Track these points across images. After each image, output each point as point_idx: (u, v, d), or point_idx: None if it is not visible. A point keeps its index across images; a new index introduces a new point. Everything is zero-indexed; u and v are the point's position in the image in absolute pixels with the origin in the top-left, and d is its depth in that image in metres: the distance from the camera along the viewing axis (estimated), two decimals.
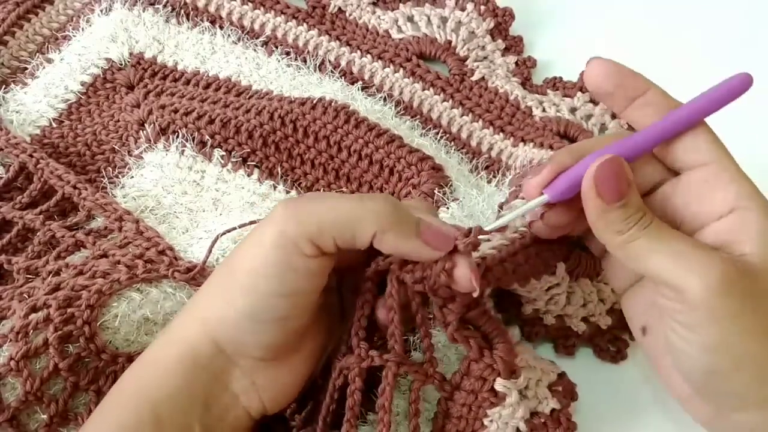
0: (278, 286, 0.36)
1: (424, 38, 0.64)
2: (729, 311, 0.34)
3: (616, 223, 0.36)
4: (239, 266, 0.38)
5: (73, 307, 0.42)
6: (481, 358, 0.40)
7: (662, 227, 0.37)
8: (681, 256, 0.35)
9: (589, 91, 0.41)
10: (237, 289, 0.37)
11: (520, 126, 0.60)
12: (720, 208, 0.36)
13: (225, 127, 0.55)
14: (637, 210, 0.36)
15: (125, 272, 0.44)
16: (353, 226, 0.36)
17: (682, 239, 0.36)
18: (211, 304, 0.39)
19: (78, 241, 0.49)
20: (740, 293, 0.34)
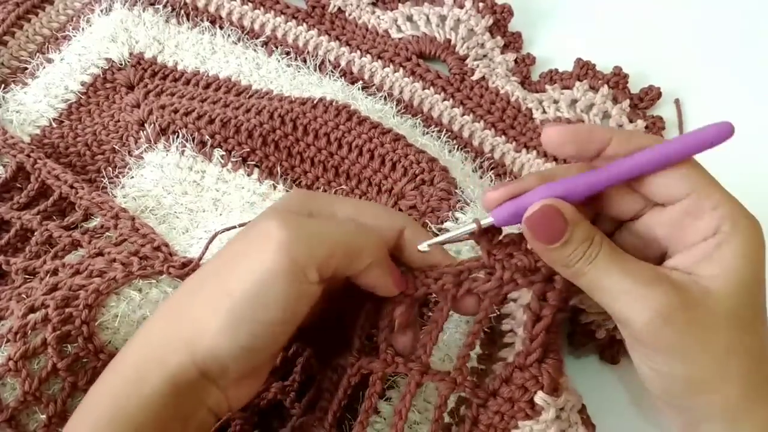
0: (281, 314, 0.35)
1: (423, 37, 0.64)
2: (670, 342, 0.35)
3: (560, 260, 0.37)
4: (236, 288, 0.35)
5: (71, 306, 0.42)
6: (529, 367, 0.40)
7: (609, 259, 0.36)
8: (622, 293, 0.35)
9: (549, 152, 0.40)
10: (234, 317, 0.35)
11: (522, 130, 0.61)
12: (701, 235, 0.36)
13: (225, 127, 0.55)
14: (581, 244, 0.36)
15: (121, 270, 0.44)
16: (357, 256, 0.37)
17: (628, 272, 0.36)
18: (199, 328, 0.36)
19: (74, 240, 0.49)
20: (684, 324, 0.35)
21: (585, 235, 0.36)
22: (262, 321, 0.35)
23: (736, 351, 0.35)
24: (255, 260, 0.35)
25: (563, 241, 0.36)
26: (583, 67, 0.64)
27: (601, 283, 0.36)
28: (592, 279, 0.36)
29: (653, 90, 0.64)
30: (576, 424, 0.41)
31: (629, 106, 0.62)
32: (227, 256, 0.38)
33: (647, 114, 0.63)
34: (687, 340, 0.35)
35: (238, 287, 0.35)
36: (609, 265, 0.36)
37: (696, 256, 0.36)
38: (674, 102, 0.64)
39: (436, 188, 0.52)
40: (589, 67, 0.64)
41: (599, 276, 0.36)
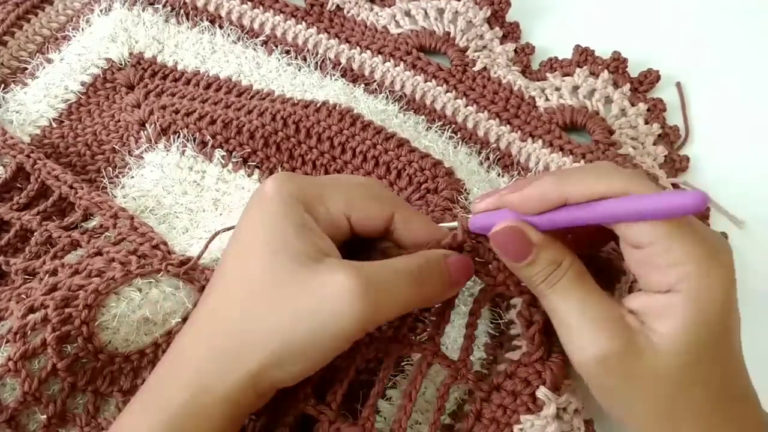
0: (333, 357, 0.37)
1: (422, 31, 0.65)
2: (603, 387, 0.37)
3: (525, 278, 0.38)
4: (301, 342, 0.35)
5: (71, 307, 0.42)
6: (533, 364, 0.40)
7: (570, 287, 0.37)
8: (570, 327, 0.37)
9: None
10: (299, 362, 0.36)
11: (526, 119, 0.61)
12: (657, 287, 0.36)
13: (226, 128, 0.55)
14: (547, 265, 0.37)
15: (120, 269, 0.44)
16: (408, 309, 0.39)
17: (579, 307, 0.37)
18: (262, 366, 0.36)
19: (74, 240, 0.49)
20: (620, 372, 0.36)
21: (551, 259, 0.37)
22: (317, 364, 0.37)
23: (676, 407, 0.36)
24: (323, 319, 0.35)
25: (528, 262, 0.37)
26: (582, 54, 0.64)
27: (557, 309, 0.37)
28: (550, 302, 0.38)
29: (652, 73, 0.64)
30: (579, 429, 0.42)
31: (630, 90, 0.63)
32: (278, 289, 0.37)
33: (648, 97, 0.64)
34: (622, 387, 0.36)
35: (298, 340, 0.35)
36: (567, 294, 0.37)
37: (651, 307, 0.36)
38: (675, 85, 0.65)
39: (439, 197, 0.52)
40: (588, 54, 0.64)
41: (556, 302, 0.37)
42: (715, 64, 0.66)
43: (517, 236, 0.37)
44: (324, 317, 0.35)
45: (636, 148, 0.60)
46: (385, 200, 0.40)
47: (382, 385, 0.40)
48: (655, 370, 0.35)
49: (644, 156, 0.60)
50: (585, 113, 0.60)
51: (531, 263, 0.37)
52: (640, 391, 0.36)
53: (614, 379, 0.36)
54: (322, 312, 0.35)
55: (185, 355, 0.38)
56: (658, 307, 0.35)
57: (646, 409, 0.36)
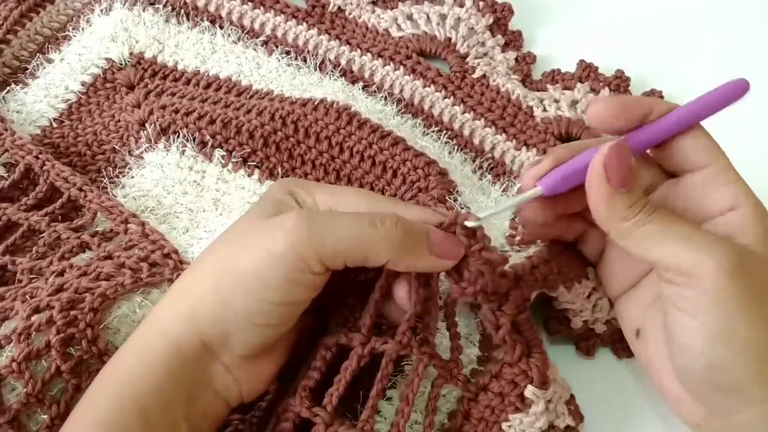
0: (281, 296, 0.37)
1: (423, 36, 0.64)
2: (738, 295, 0.35)
3: (622, 210, 0.37)
4: (243, 267, 0.37)
5: (77, 309, 0.42)
6: (518, 363, 0.41)
7: (668, 213, 0.37)
8: (691, 240, 0.35)
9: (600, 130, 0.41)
10: (238, 290, 0.37)
11: (522, 128, 0.60)
12: (718, 208, 0.37)
13: (226, 128, 0.55)
14: (641, 197, 0.37)
15: (130, 275, 0.44)
16: (367, 253, 0.37)
17: (690, 224, 0.37)
18: (202, 300, 0.37)
19: (83, 242, 0.49)
20: (750, 278, 0.35)
21: (641, 191, 0.37)
22: (260, 298, 0.36)
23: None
24: (262, 245, 0.36)
25: (630, 188, 0.36)
26: (585, 69, 0.64)
27: (666, 232, 0.36)
28: (653, 229, 0.36)
29: (655, 94, 0.64)
30: (563, 415, 0.43)
31: None
32: (236, 237, 0.40)
33: None
34: (753, 295, 0.35)
35: (241, 264, 0.37)
36: (670, 217, 0.37)
37: (725, 230, 0.37)
38: None
39: (428, 195, 0.52)
40: (591, 70, 0.64)
41: (661, 227, 0.36)
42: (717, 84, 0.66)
43: (628, 157, 0.36)
44: (263, 243, 0.36)
45: None
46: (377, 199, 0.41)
47: (380, 386, 0.40)
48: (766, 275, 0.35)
49: None
50: (581, 125, 0.60)
51: (631, 190, 0.37)
52: (762, 296, 0.35)
53: (747, 287, 0.35)
54: (261, 241, 0.36)
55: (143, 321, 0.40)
56: (732, 226, 0.37)
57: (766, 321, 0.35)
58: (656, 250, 0.36)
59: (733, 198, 0.37)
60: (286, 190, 0.41)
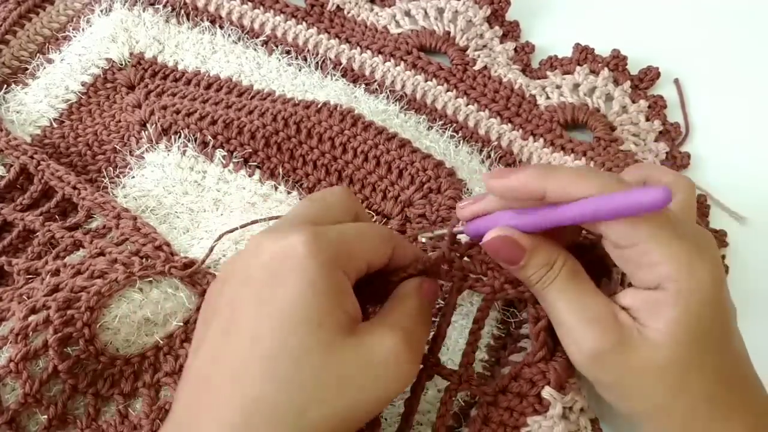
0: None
1: (422, 31, 0.65)
2: (601, 382, 0.38)
3: (522, 279, 0.39)
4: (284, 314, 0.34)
5: (73, 308, 0.42)
6: (537, 363, 0.41)
7: (564, 287, 0.38)
8: (565, 325, 0.38)
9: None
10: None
11: (527, 118, 0.61)
12: (644, 285, 0.37)
13: (227, 128, 0.55)
14: (539, 267, 0.38)
15: (122, 271, 0.44)
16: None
17: (571, 306, 0.38)
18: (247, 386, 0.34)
19: (76, 240, 0.49)
20: (617, 366, 0.37)
21: (543, 261, 0.38)
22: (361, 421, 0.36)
23: (674, 397, 0.37)
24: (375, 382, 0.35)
25: (521, 266, 0.38)
26: (582, 52, 0.65)
27: (552, 307, 0.38)
28: (545, 301, 0.39)
29: (652, 70, 0.64)
30: (586, 429, 0.42)
31: (630, 87, 0.63)
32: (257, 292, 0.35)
33: (648, 94, 0.64)
34: (619, 382, 0.37)
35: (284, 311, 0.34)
36: (560, 293, 0.38)
37: (642, 303, 0.37)
38: (674, 81, 0.65)
39: (444, 197, 0.52)
40: (588, 52, 0.65)
41: (551, 300, 0.38)
42: (714, 60, 0.67)
43: (507, 243, 0.38)
44: (379, 379, 0.35)
45: (638, 145, 0.60)
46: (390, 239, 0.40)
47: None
48: (648, 363, 0.36)
49: (646, 153, 0.60)
50: (586, 110, 0.61)
51: (524, 267, 0.38)
52: (637, 384, 0.37)
53: (610, 374, 0.37)
54: (377, 374, 0.34)
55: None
56: (649, 303, 0.36)
57: (645, 400, 0.37)
58: (551, 318, 0.39)
59: (656, 279, 0.36)
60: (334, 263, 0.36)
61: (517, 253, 0.38)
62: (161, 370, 0.44)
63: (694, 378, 0.36)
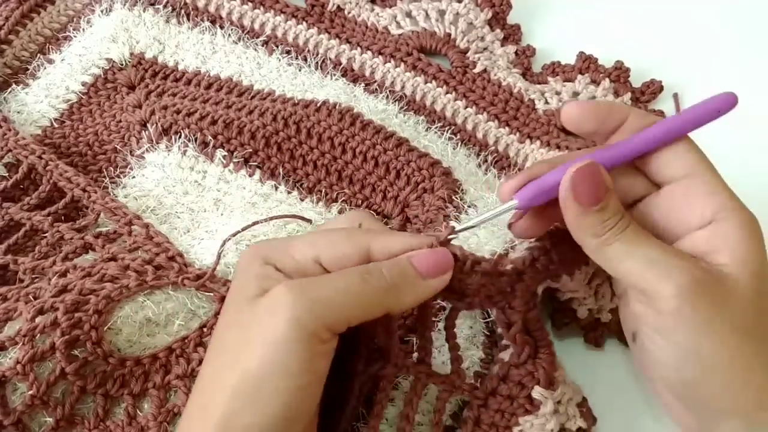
0: (302, 378, 0.34)
1: (423, 32, 0.65)
2: (698, 317, 0.35)
3: (591, 227, 0.37)
4: (256, 369, 0.34)
5: (81, 311, 0.42)
6: (524, 364, 0.41)
7: (639, 232, 0.37)
8: (653, 262, 0.36)
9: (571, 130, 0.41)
10: (258, 392, 0.34)
11: (525, 121, 0.61)
12: (698, 220, 0.36)
13: (228, 128, 0.55)
14: (614, 214, 0.37)
15: (134, 278, 0.44)
16: (368, 309, 0.36)
17: (657, 245, 0.36)
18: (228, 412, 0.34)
19: (86, 243, 0.49)
20: (710, 300, 0.35)
21: (618, 206, 0.37)
22: (285, 389, 0.34)
23: (761, 338, 0.36)
24: (266, 337, 0.34)
25: (601, 206, 0.36)
26: (585, 61, 0.64)
27: (630, 252, 0.36)
28: (620, 248, 0.36)
29: (655, 84, 0.64)
30: (575, 417, 0.42)
31: (630, 99, 0.63)
32: (231, 335, 0.37)
33: (649, 108, 0.64)
34: (716, 315, 0.35)
35: (252, 367, 0.34)
36: (638, 237, 0.36)
37: (703, 244, 0.36)
38: (672, 96, 0.65)
39: (434, 197, 0.52)
40: (591, 61, 0.64)
41: (630, 246, 0.36)
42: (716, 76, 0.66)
43: (596, 176, 0.36)
44: (268, 331, 0.34)
45: None
46: (356, 235, 0.39)
47: (380, 408, 0.41)
48: (736, 296, 0.35)
49: None
50: None
51: (603, 208, 0.36)
52: (728, 316, 0.35)
53: (709, 308, 0.35)
54: (264, 328, 0.34)
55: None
56: (710, 241, 0.36)
57: (735, 335, 0.35)
58: (621, 269, 0.37)
59: (712, 210, 0.36)
60: (261, 260, 0.38)
61: (602, 188, 0.36)
62: (172, 372, 0.44)
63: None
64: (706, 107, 0.37)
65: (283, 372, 0.34)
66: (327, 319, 0.34)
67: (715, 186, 0.36)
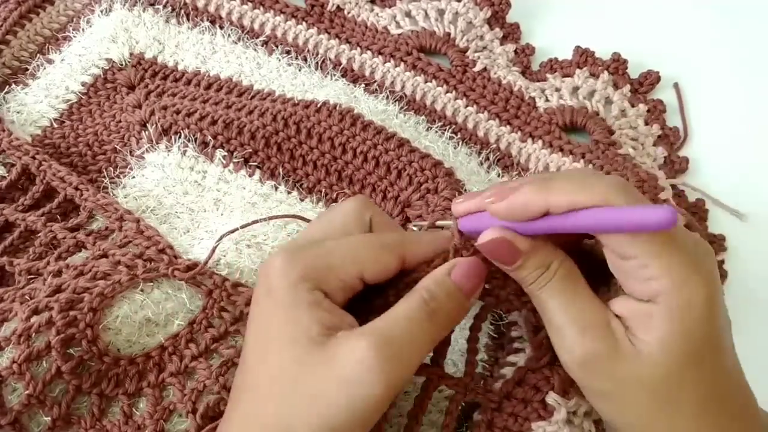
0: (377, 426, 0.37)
1: (423, 32, 0.65)
2: (589, 388, 0.38)
3: (517, 279, 0.38)
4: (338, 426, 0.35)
5: (75, 309, 0.42)
6: (541, 369, 0.40)
7: (559, 290, 0.37)
8: (558, 328, 0.37)
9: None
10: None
11: (526, 120, 0.61)
12: (639, 296, 0.36)
13: (227, 128, 0.55)
14: (535, 269, 0.37)
15: (126, 273, 0.44)
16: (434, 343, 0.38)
17: (566, 310, 0.37)
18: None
19: (79, 241, 0.49)
20: (606, 374, 0.36)
21: (539, 263, 0.37)
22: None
23: (664, 409, 0.36)
24: (355, 392, 0.34)
25: (516, 266, 0.37)
26: (582, 55, 0.65)
27: (545, 310, 0.38)
28: (539, 303, 0.38)
29: (652, 74, 0.64)
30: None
31: (630, 91, 0.63)
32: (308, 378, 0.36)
33: (647, 98, 0.64)
34: (608, 390, 0.37)
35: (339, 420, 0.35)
36: (554, 297, 0.37)
37: (635, 314, 0.36)
38: (673, 86, 0.65)
39: (440, 197, 0.52)
40: (588, 55, 0.65)
41: (545, 303, 0.38)
42: (715, 65, 0.67)
43: (504, 245, 0.37)
44: (351, 392, 0.34)
45: (636, 149, 0.60)
46: (392, 246, 0.39)
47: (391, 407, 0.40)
48: (639, 374, 0.36)
49: (644, 157, 0.60)
50: (585, 113, 0.61)
51: (519, 268, 0.37)
52: (626, 394, 0.36)
53: (599, 382, 0.37)
54: (348, 388, 0.34)
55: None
56: (641, 315, 0.36)
57: (635, 411, 0.37)
58: (546, 316, 0.38)
59: (646, 294, 0.35)
60: (308, 283, 0.37)
61: (513, 254, 0.37)
62: (166, 370, 0.44)
63: (683, 394, 0.36)
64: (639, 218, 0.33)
65: (366, 427, 0.35)
66: (411, 372, 0.36)
67: (651, 270, 0.35)
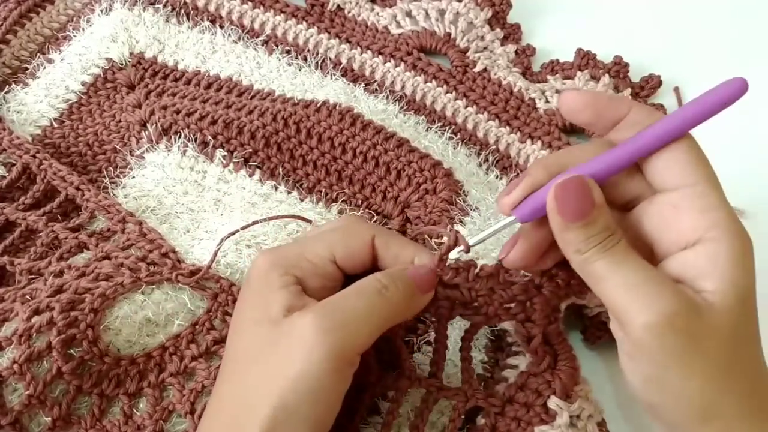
0: (337, 400, 0.36)
1: (423, 32, 0.65)
2: (666, 351, 0.34)
3: (575, 243, 0.35)
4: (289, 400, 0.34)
5: (77, 310, 0.42)
6: (542, 373, 0.40)
7: (625, 253, 0.35)
8: (630, 289, 0.34)
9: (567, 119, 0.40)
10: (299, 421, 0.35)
11: (526, 121, 0.61)
12: (686, 238, 0.35)
13: (227, 128, 0.55)
14: (602, 230, 0.35)
15: (128, 275, 0.44)
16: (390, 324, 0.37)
17: (638, 270, 0.35)
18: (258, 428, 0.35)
19: (81, 242, 0.49)
20: (683, 333, 0.34)
21: (607, 223, 0.35)
22: (318, 414, 0.35)
23: (735, 370, 0.35)
24: (301, 366, 0.34)
25: (586, 222, 0.34)
26: (584, 57, 0.65)
27: (611, 273, 0.35)
28: (601, 269, 0.35)
29: (654, 78, 0.64)
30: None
31: (630, 94, 0.63)
32: (263, 356, 0.37)
33: (649, 102, 0.64)
34: (688, 349, 0.34)
35: (288, 395, 0.35)
36: (624, 258, 0.35)
37: (688, 268, 0.35)
38: (674, 90, 0.65)
39: (437, 198, 0.52)
40: (589, 57, 0.65)
41: (611, 267, 0.35)
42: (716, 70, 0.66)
43: (582, 191, 0.35)
44: (301, 362, 0.34)
45: None
46: (362, 230, 0.40)
47: (392, 419, 0.41)
48: (713, 328, 0.34)
49: None
50: None
51: (588, 224, 0.34)
52: (701, 349, 0.34)
53: (681, 341, 0.34)
54: (296, 359, 0.34)
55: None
56: (696, 265, 0.34)
57: (707, 367, 0.34)
58: (600, 290, 0.36)
59: (703, 228, 0.34)
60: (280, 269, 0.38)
61: (587, 204, 0.34)
62: (166, 370, 0.44)
63: (751, 345, 0.35)
64: (714, 97, 0.34)
65: (318, 400, 0.35)
66: (356, 345, 0.35)
67: (709, 199, 0.34)
